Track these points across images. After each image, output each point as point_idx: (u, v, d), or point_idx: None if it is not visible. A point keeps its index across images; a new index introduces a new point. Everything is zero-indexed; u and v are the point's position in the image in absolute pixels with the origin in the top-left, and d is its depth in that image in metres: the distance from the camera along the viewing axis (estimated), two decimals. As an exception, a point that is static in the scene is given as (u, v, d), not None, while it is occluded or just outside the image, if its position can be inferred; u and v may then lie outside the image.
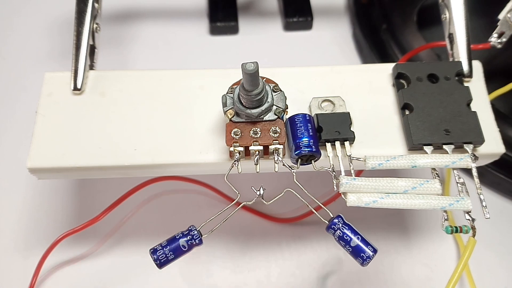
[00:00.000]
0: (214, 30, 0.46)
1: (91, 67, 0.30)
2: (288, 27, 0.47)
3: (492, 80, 0.31)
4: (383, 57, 0.43)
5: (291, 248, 0.36)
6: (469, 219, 0.24)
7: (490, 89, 0.29)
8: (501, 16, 0.30)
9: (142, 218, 0.37)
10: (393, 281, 0.35)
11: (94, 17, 0.30)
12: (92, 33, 0.30)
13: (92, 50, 0.30)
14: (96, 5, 0.30)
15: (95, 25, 0.30)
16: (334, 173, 0.25)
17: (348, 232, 0.22)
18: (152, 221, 0.37)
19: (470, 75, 0.28)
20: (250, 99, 0.23)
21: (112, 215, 0.31)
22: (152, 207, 0.37)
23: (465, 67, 0.28)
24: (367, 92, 0.29)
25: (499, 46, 0.31)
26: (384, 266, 0.35)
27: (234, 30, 0.46)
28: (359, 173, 0.30)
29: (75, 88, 0.28)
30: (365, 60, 0.45)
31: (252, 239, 0.36)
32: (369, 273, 0.35)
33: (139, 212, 0.37)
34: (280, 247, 0.36)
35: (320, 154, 0.25)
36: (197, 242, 0.23)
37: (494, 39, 0.31)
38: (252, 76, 0.22)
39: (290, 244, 0.36)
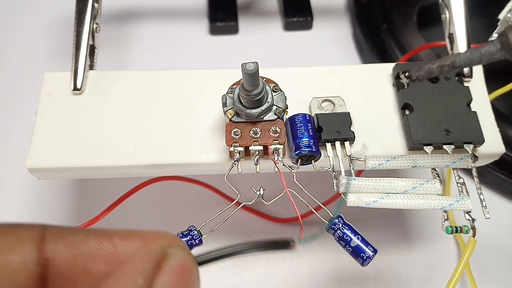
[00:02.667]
0: (214, 30, 0.46)
1: (91, 67, 0.30)
2: (288, 27, 0.47)
3: (492, 80, 0.31)
4: (383, 57, 0.43)
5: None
6: (469, 219, 0.24)
7: (490, 89, 0.29)
8: (501, 16, 0.30)
9: (142, 218, 0.37)
10: (394, 281, 0.35)
11: (94, 17, 0.30)
12: (92, 33, 0.30)
13: (92, 50, 0.30)
14: (96, 5, 0.30)
15: (95, 25, 0.30)
16: (334, 173, 0.25)
17: (348, 232, 0.22)
18: (152, 221, 0.37)
19: (470, 75, 0.28)
20: (250, 99, 0.23)
21: (112, 215, 0.31)
22: (152, 207, 0.37)
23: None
24: (367, 92, 0.29)
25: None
26: (384, 266, 0.35)
27: (234, 30, 0.46)
28: (359, 173, 0.30)
29: (75, 88, 0.28)
30: (365, 60, 0.45)
31: (252, 239, 0.36)
32: (369, 273, 0.35)
33: (139, 212, 0.37)
34: (280, 247, 0.36)
35: (320, 154, 0.25)
36: (197, 242, 0.23)
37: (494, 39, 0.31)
38: (252, 76, 0.22)
39: (290, 244, 0.36)
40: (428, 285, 0.35)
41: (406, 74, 0.22)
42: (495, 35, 0.31)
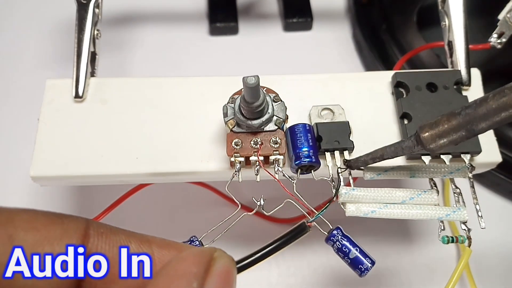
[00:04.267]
0: (214, 31, 0.46)
1: (92, 74, 0.30)
2: (288, 27, 0.46)
3: (492, 81, 0.31)
4: (383, 58, 0.43)
5: (291, 248, 0.36)
6: (465, 229, 0.24)
7: (489, 90, 0.29)
8: (501, 16, 0.30)
9: (142, 218, 0.37)
10: (394, 282, 0.35)
11: (95, 23, 0.30)
12: (93, 40, 0.30)
13: (93, 56, 0.30)
14: (96, 10, 0.30)
15: (96, 32, 0.30)
16: (333, 182, 0.25)
17: (347, 244, 0.23)
18: (152, 221, 0.37)
19: (468, 83, 0.29)
20: (251, 111, 0.24)
21: (112, 215, 0.31)
22: (152, 208, 0.37)
23: (464, 76, 0.29)
24: (367, 100, 0.29)
25: (499, 46, 0.31)
26: (384, 267, 0.36)
27: (234, 31, 0.46)
28: (354, 180, 0.30)
29: (77, 96, 0.28)
30: (365, 60, 0.45)
31: (252, 239, 0.36)
32: (369, 275, 0.35)
33: (139, 212, 0.37)
34: (280, 248, 0.36)
35: (320, 164, 0.25)
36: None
37: (494, 39, 0.31)
38: (253, 89, 0.22)
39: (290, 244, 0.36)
40: (428, 285, 0.35)
41: (347, 163, 0.25)
42: (494, 35, 0.31)
